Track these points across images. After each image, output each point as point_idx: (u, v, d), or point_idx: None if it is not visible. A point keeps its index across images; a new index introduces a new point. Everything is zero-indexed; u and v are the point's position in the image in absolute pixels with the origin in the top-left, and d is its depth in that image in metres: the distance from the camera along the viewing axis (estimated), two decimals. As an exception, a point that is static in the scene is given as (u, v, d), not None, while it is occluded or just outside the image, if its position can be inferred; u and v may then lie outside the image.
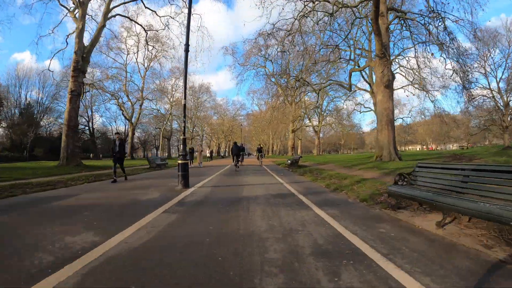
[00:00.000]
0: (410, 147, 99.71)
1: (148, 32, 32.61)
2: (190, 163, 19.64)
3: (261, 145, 19.78)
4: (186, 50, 8.73)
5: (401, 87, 38.17)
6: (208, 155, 37.19)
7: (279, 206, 5.59)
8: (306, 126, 51.18)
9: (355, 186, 8.40)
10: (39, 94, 45.56)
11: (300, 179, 11.84)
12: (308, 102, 44.51)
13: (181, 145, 7.98)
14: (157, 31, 24.27)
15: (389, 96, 18.75)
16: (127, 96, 42.43)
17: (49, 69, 22.29)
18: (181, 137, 8.15)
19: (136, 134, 75.52)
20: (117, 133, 10.01)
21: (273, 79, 45.13)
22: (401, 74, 37.12)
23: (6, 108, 42.93)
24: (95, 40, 19.07)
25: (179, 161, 7.84)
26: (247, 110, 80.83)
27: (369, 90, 34.75)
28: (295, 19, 18.59)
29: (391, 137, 18.30)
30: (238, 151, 18.16)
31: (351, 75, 21.13)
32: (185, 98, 8.26)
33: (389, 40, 20.04)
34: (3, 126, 41.95)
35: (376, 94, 19.08)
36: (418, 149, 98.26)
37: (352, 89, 29.05)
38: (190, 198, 6.53)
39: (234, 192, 7.54)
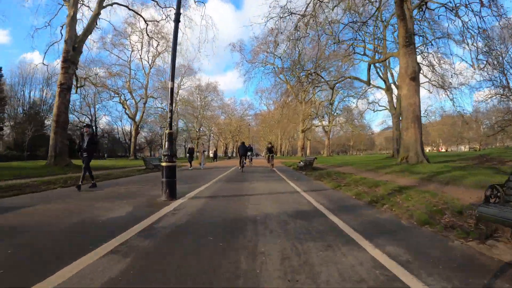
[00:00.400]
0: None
1: (152, 27, 30.91)
2: (190, 164, 17.70)
3: (272, 144, 17.10)
4: (176, 20, 6.67)
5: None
6: (211, 155, 35.28)
7: (304, 239, 3.40)
8: (316, 126, 48.89)
9: (398, 198, 6.25)
10: (43, 92, 44.36)
11: (319, 185, 9.67)
12: (318, 102, 42.26)
13: (165, 142, 5.89)
14: (158, 22, 22.20)
15: (415, 89, 16.50)
16: (131, 93, 40.80)
17: (43, 63, 20.56)
18: (166, 131, 6.07)
19: (143, 133, 74.46)
20: (86, 125, 7.85)
21: (282, 77, 43.07)
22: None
23: (11, 107, 41.79)
24: (88, 30, 17.20)
25: (163, 164, 5.77)
26: (255, 110, 78.78)
27: (384, 87, 32.43)
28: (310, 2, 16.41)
29: (418, 136, 16.05)
30: (245, 152, 17.21)
31: (370, 67, 18.90)
32: (172, 80, 6.17)
33: (413, 27, 17.81)
34: (7, 125, 40.76)
35: (400, 87, 16.79)
36: (427, 150, 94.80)
37: (370, 84, 26.70)
38: (168, 220, 4.38)
39: (236, 208, 5.37)
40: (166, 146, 5.85)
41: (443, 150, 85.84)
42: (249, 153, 23.32)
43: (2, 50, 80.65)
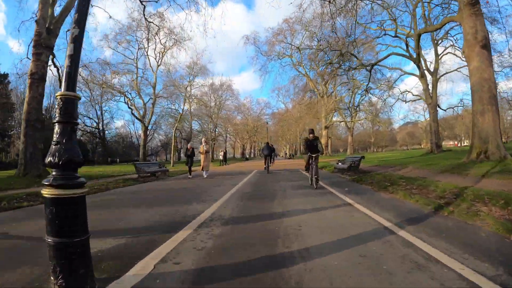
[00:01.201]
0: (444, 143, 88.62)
1: (158, 22, 27.55)
2: (189, 172, 13.56)
3: (315, 136, 10.63)
4: None
5: (456, 69, 30.63)
6: (221, 157, 31.26)
7: None
8: (340, 122, 44.13)
9: None
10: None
11: (400, 204, 5.59)
12: (339, 97, 37.77)
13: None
14: (157, 1, 18.55)
15: (488, 60, 12.34)
16: (138, 93, 37.61)
17: (28, 57, 17.29)
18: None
19: (159, 136, 71.91)
20: None
21: (301, 69, 38.84)
22: (454, 54, 29.61)
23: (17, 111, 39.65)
24: (66, 9, 13.71)
25: (45, 193, 1.92)
26: (272, 108, 74.75)
27: (417, 74, 27.65)
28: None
29: (497, 123, 11.82)
30: (270, 152, 15.98)
31: (419, 38, 14.47)
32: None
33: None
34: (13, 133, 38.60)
35: (468, 59, 12.39)
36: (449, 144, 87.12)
37: (419, 61, 22.20)
38: None
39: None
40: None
41: (457, 145, 78.46)
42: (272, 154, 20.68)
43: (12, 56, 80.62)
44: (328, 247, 2.98)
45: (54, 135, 2.03)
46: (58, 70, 18.42)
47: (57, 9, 13.98)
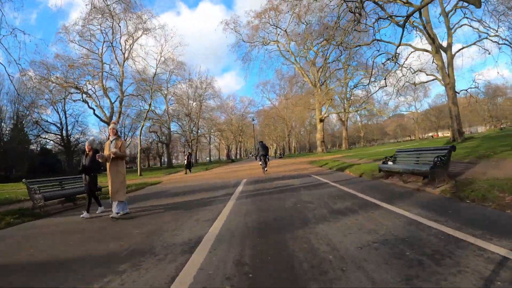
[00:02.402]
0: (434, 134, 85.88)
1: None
2: (88, 200, 5.97)
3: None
4: None
5: (473, 43, 26.26)
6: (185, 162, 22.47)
7: None
8: (338, 113, 39.36)
9: None
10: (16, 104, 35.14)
11: None
12: (337, 83, 33.04)
13: None
14: None
15: None
16: (104, 91, 31.55)
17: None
18: None
19: (136, 141, 65.32)
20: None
21: (289, 56, 33.81)
22: (471, 27, 25.34)
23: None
24: None
25: None
26: (257, 106, 69.58)
27: (430, 50, 23.20)
28: None
29: None
30: (266, 151, 13.74)
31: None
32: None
33: None
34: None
35: None
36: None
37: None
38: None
39: None
40: None
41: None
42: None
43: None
44: None
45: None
46: None
47: None
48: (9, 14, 39.89)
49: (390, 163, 7.34)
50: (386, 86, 24.99)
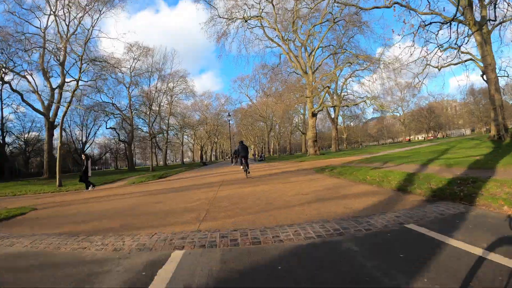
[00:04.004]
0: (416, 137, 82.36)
1: None
2: None
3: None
4: None
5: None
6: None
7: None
8: (334, 106, 32.81)
9: None
10: None
11: None
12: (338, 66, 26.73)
13: None
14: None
15: None
16: (45, 75, 23.26)
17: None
18: None
19: (99, 140, 55.91)
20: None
21: (275, 36, 27.03)
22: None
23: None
24: None
25: None
26: (234, 104, 62.53)
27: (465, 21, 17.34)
28: None
29: None
30: (247, 153, 11.86)
31: None
32: None
33: None
34: None
35: None
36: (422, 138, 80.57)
37: None
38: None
39: None
40: None
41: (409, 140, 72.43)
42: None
43: None
44: None
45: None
46: None
47: None
48: None
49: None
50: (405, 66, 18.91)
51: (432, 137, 68.66)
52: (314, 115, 24.89)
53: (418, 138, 76.11)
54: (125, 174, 23.68)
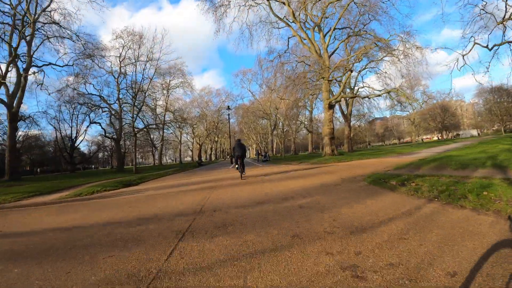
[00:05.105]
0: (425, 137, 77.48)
1: None
2: None
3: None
4: None
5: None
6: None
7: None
8: (353, 97, 28.04)
9: None
10: None
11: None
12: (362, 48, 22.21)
13: None
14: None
15: None
16: (12, 54, 18.75)
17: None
18: None
19: (89, 137, 51.46)
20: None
21: (284, 15, 22.53)
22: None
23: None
24: None
25: None
26: (235, 99, 58.12)
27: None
28: None
29: None
30: (243, 152, 11.06)
31: None
32: None
33: None
34: None
35: None
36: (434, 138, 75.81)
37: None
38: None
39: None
40: None
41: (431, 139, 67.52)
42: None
43: None
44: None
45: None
46: None
47: None
48: None
49: None
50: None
51: (441, 138, 64.09)
52: (331, 106, 20.37)
53: (431, 138, 71.17)
54: (101, 177, 19.20)
